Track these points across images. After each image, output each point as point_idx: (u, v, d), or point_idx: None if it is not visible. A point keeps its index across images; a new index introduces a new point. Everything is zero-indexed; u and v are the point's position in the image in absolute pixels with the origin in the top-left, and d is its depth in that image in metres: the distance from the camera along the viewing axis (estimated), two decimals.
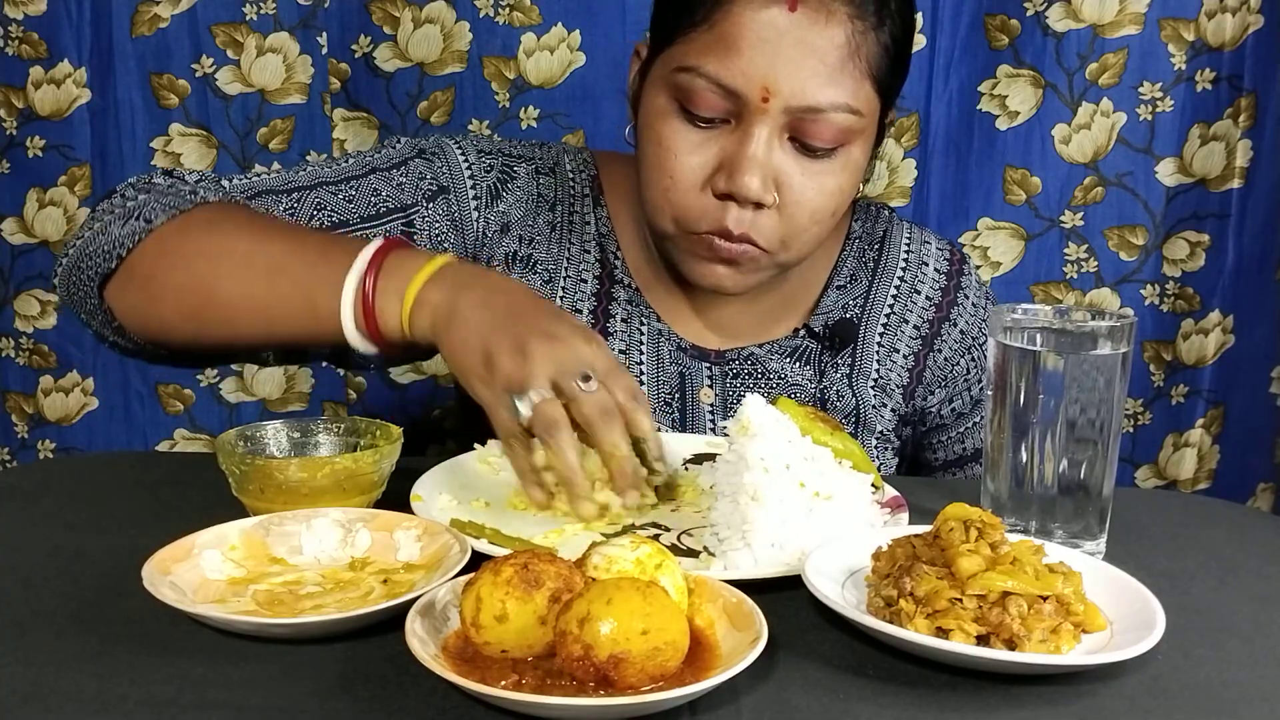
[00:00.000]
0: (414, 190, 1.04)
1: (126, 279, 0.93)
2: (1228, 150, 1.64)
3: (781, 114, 0.91)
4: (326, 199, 1.01)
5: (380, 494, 0.83)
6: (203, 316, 0.92)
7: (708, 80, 0.91)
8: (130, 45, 1.63)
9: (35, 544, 0.77)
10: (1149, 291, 1.70)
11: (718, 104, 0.92)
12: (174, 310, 0.92)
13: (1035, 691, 0.60)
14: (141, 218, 0.92)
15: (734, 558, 0.73)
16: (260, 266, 0.89)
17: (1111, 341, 0.78)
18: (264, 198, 1.00)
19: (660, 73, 0.96)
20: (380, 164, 1.05)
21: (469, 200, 1.06)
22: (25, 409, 1.77)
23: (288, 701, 0.56)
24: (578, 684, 0.54)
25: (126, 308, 0.94)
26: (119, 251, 0.92)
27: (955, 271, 1.15)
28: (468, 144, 1.09)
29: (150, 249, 0.92)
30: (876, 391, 1.10)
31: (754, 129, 0.91)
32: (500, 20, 1.62)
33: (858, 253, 1.13)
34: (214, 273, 0.90)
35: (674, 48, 0.94)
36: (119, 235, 0.92)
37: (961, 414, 1.15)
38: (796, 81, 0.90)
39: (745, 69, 0.90)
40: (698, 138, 0.94)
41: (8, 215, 1.70)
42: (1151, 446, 1.75)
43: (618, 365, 0.83)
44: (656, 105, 0.96)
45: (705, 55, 0.91)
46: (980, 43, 1.64)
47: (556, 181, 1.11)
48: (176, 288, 0.91)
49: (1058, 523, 0.79)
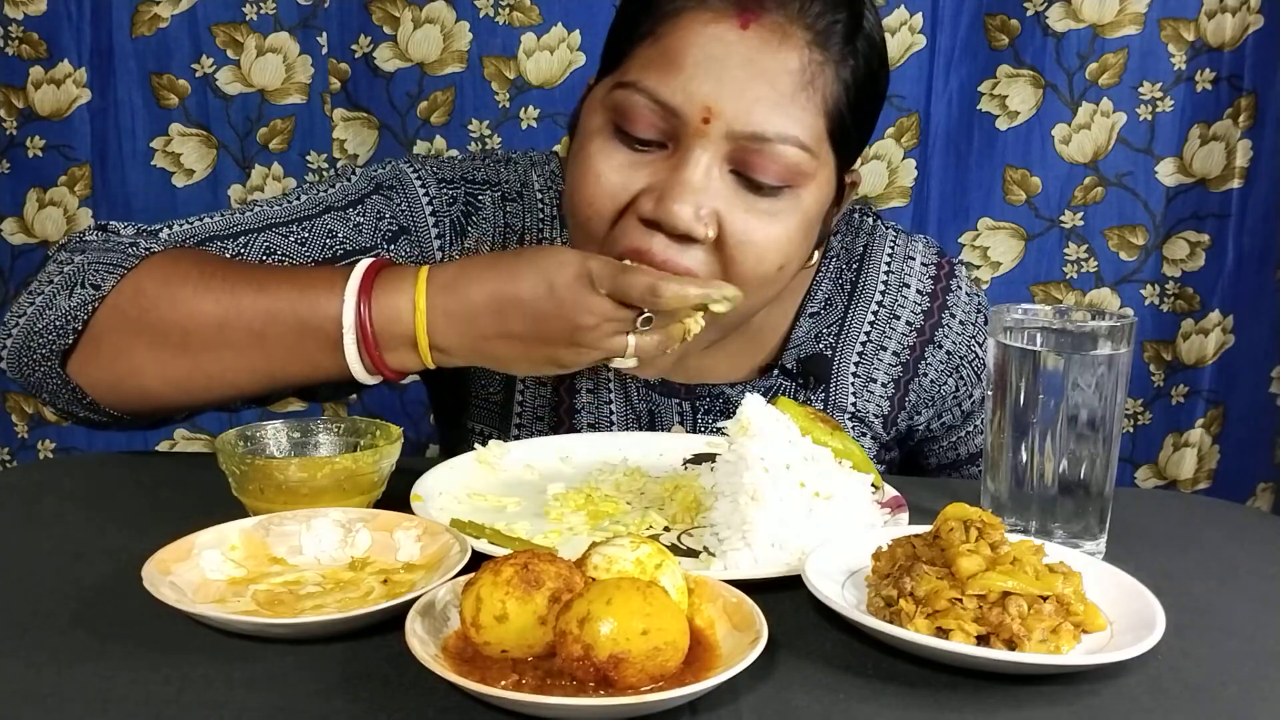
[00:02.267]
0: (372, 232, 0.96)
1: (92, 352, 0.85)
2: (1228, 150, 1.64)
3: (723, 139, 0.83)
4: (276, 242, 0.93)
5: (380, 494, 0.83)
6: (194, 388, 0.87)
7: (646, 96, 0.83)
8: (130, 45, 1.63)
9: (35, 544, 0.77)
10: (1149, 291, 1.70)
11: (655, 123, 0.84)
12: (158, 381, 0.86)
13: (1035, 691, 0.60)
14: (87, 284, 0.85)
15: (734, 558, 0.73)
16: (241, 334, 0.84)
17: (1111, 341, 0.78)
18: (209, 244, 0.92)
19: (600, 92, 0.89)
20: (335, 202, 0.96)
21: (431, 239, 0.99)
22: (25, 409, 1.77)
23: (288, 701, 0.56)
24: (578, 684, 0.54)
25: (97, 382, 0.87)
26: (74, 325, 0.84)
27: (941, 290, 1.06)
28: (427, 173, 1.01)
29: (108, 319, 0.85)
30: (854, 424, 1.05)
31: (692, 153, 0.83)
32: (500, 20, 1.63)
33: (834, 274, 1.05)
34: (195, 347, 0.84)
35: (619, 65, 0.88)
36: (68, 308, 0.84)
37: (952, 426, 1.11)
38: (742, 104, 0.82)
39: (686, 85, 0.82)
40: (628, 158, 0.86)
41: (8, 215, 1.70)
42: (1151, 446, 1.75)
43: (622, 270, 0.81)
44: (590, 125, 0.88)
45: (646, 70, 0.84)
46: (980, 42, 1.64)
47: (523, 207, 1.03)
48: (156, 359, 0.85)
49: (1058, 523, 0.79)
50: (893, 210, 1.68)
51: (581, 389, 1.04)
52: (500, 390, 1.06)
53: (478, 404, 1.08)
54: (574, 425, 1.04)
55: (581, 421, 1.05)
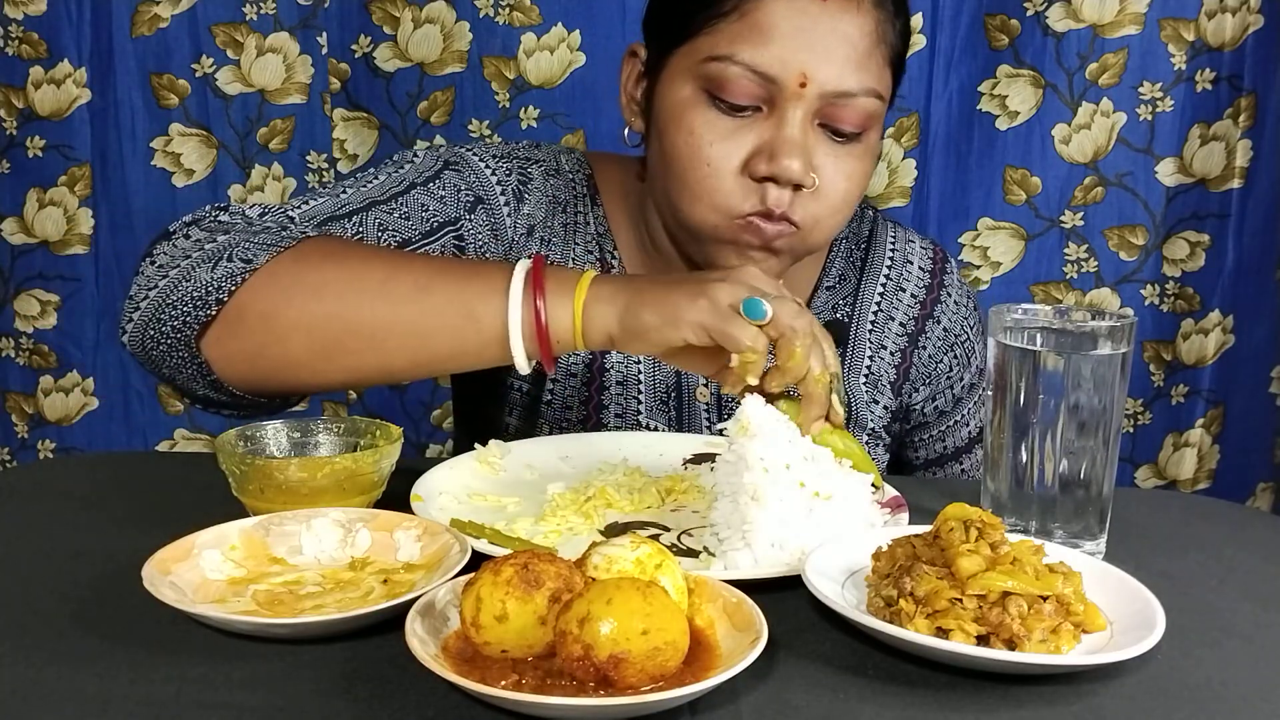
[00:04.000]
0: (455, 203, 1.04)
1: (234, 322, 0.85)
2: (1228, 150, 1.64)
3: (816, 99, 0.93)
4: (385, 219, 0.99)
5: (380, 494, 0.83)
6: (343, 347, 0.86)
7: (743, 67, 0.92)
8: (130, 45, 1.63)
9: (35, 544, 0.77)
10: (1149, 291, 1.70)
11: (753, 91, 0.93)
12: (304, 347, 0.86)
13: (1035, 691, 0.60)
14: (237, 258, 0.85)
15: (734, 558, 0.73)
16: (406, 286, 0.85)
17: (1111, 341, 0.78)
18: (330, 224, 0.96)
19: (684, 64, 0.96)
20: (416, 179, 1.03)
21: (501, 207, 1.06)
22: (25, 409, 1.77)
23: (288, 701, 0.56)
24: (578, 684, 0.54)
25: (234, 353, 0.87)
26: (218, 296, 0.84)
27: (939, 270, 1.16)
28: (483, 150, 1.09)
29: (261, 288, 0.85)
30: (869, 387, 1.11)
31: (790, 114, 0.93)
32: (500, 20, 1.63)
33: (845, 253, 1.15)
34: (354, 300, 0.85)
35: (698, 40, 0.95)
36: (211, 279, 0.85)
37: (944, 412, 1.17)
38: (832, 67, 0.92)
39: (781, 55, 0.92)
40: (730, 124, 0.95)
41: (8, 215, 1.70)
42: (1151, 446, 1.75)
43: (792, 298, 0.83)
44: (681, 96, 0.96)
45: (738, 43, 0.93)
46: (980, 43, 1.65)
47: (562, 183, 1.11)
48: (307, 322, 0.85)
49: (1058, 523, 0.79)
50: (893, 210, 1.68)
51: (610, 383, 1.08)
52: (531, 381, 1.09)
53: (508, 393, 1.10)
54: (604, 383, 1.09)
55: (610, 379, 1.09)
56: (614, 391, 1.09)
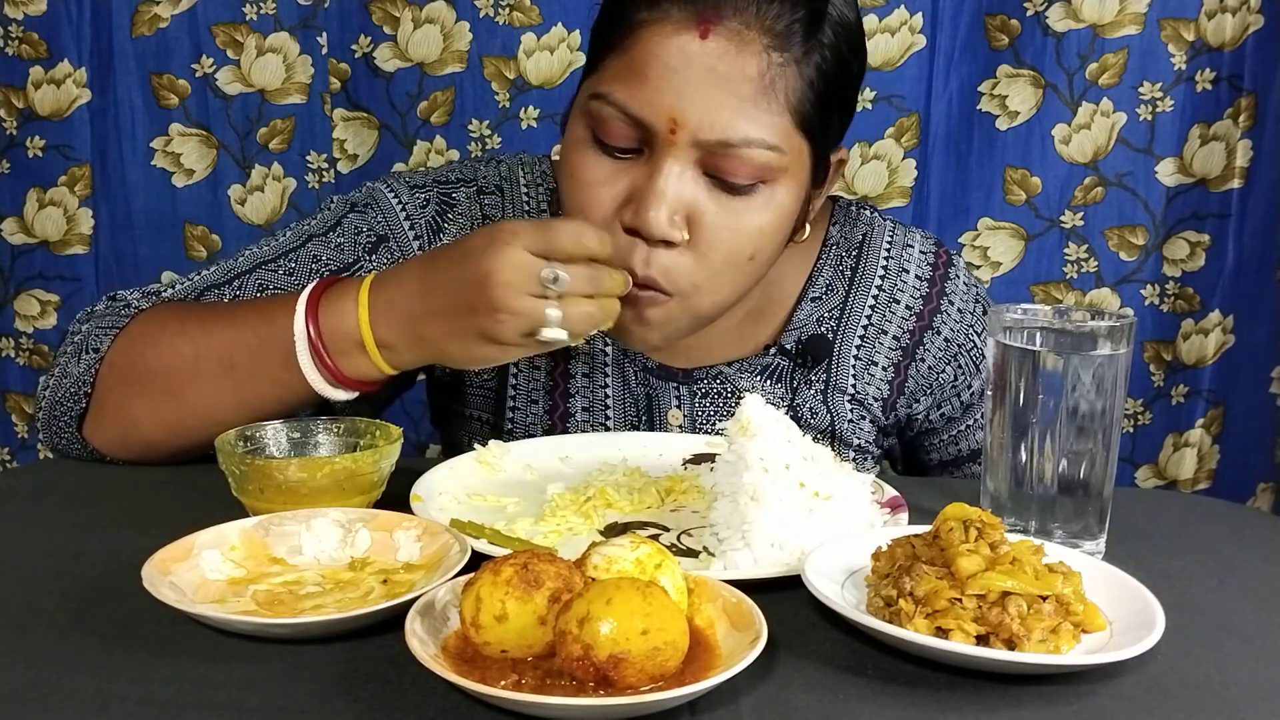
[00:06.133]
0: (353, 247, 1.01)
1: (99, 414, 0.92)
2: (1228, 150, 1.64)
3: (691, 147, 0.85)
4: (268, 278, 0.99)
5: (380, 494, 0.83)
6: (185, 428, 0.91)
7: (616, 108, 0.86)
8: (130, 45, 1.63)
9: (35, 544, 0.77)
10: (1149, 291, 1.70)
11: (627, 133, 0.87)
12: (155, 430, 0.92)
13: (1035, 691, 0.60)
14: (89, 349, 0.92)
15: (734, 558, 0.73)
16: (213, 364, 0.89)
17: (1111, 341, 0.78)
18: (208, 294, 0.98)
19: (581, 99, 0.91)
20: (316, 230, 1.02)
21: (410, 242, 1.02)
22: (25, 409, 1.77)
23: (288, 701, 0.56)
24: (578, 684, 0.54)
25: (108, 440, 0.93)
26: (84, 390, 0.91)
27: (940, 277, 1.08)
28: (399, 183, 1.05)
29: (107, 379, 0.91)
30: (854, 406, 1.06)
31: (663, 161, 0.86)
32: (500, 20, 1.63)
33: (834, 260, 1.08)
34: (176, 386, 0.90)
35: (593, 74, 0.90)
36: (77, 374, 0.92)
37: (952, 419, 1.12)
38: (706, 113, 0.84)
39: (651, 98, 0.85)
40: (610, 168, 0.89)
41: (8, 215, 1.70)
42: (1151, 446, 1.75)
43: (533, 228, 0.82)
44: (574, 134, 0.91)
45: (615, 82, 0.87)
46: (980, 43, 1.64)
47: (503, 200, 1.05)
48: (148, 406, 0.91)
49: (1057, 523, 0.79)
50: (893, 210, 1.68)
51: (577, 373, 1.05)
52: (494, 374, 1.07)
53: (473, 390, 1.09)
54: (569, 409, 1.05)
55: (576, 405, 1.05)
56: (580, 418, 1.05)
